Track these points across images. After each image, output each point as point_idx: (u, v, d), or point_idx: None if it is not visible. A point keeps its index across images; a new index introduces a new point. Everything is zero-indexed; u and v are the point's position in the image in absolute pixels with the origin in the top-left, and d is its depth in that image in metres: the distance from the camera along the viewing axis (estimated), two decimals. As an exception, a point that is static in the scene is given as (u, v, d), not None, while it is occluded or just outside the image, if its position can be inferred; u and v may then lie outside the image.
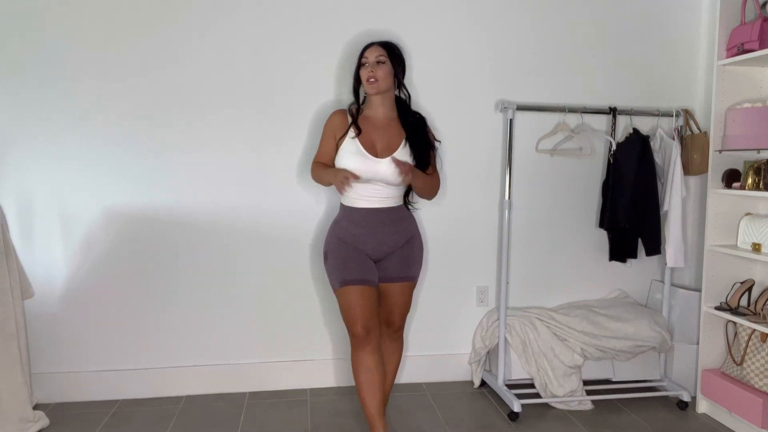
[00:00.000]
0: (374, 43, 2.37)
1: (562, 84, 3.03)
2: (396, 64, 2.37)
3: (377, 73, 2.31)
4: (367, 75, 2.32)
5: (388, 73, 2.33)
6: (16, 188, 2.71)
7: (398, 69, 2.38)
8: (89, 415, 2.68)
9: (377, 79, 2.31)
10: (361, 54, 2.37)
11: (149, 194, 2.79)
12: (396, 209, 2.38)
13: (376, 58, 2.32)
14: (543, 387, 2.84)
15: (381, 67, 2.32)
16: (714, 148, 2.71)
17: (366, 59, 2.34)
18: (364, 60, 2.35)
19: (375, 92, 2.34)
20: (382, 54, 2.33)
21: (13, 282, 2.49)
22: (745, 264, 2.74)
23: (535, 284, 3.12)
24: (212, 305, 2.89)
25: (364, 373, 2.25)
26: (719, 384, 2.64)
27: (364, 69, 2.34)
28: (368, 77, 2.32)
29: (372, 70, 2.32)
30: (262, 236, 2.88)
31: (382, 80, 2.32)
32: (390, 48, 2.37)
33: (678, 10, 3.11)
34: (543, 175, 3.07)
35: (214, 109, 2.80)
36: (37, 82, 2.67)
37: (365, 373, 2.25)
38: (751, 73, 2.69)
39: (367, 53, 2.35)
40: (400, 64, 2.40)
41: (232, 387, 2.94)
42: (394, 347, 2.50)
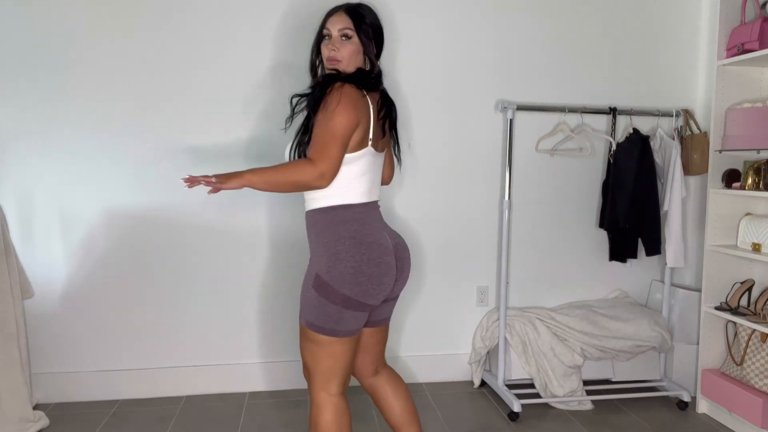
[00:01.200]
0: (339, 9, 1.79)
1: (562, 84, 3.03)
2: (365, 39, 1.77)
3: (341, 52, 1.75)
4: (328, 54, 1.77)
5: (354, 53, 1.76)
6: (16, 188, 2.71)
7: (368, 45, 1.78)
8: (89, 415, 2.68)
9: (339, 60, 1.75)
10: (323, 21, 1.80)
11: (149, 194, 2.79)
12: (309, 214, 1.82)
13: (341, 32, 1.75)
14: (543, 387, 2.84)
15: (345, 44, 1.75)
16: (714, 148, 2.71)
17: (328, 31, 1.78)
18: (325, 31, 1.79)
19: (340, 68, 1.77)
20: (348, 26, 1.75)
21: (13, 282, 2.49)
22: (745, 264, 2.74)
23: (535, 284, 3.12)
24: (212, 305, 2.89)
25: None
26: (719, 384, 2.64)
27: (325, 44, 1.78)
28: (328, 57, 1.76)
29: (334, 47, 1.75)
30: (262, 236, 2.88)
31: (346, 61, 1.75)
32: (358, 17, 1.77)
33: (678, 10, 3.11)
34: (543, 175, 3.07)
35: (215, 108, 2.79)
36: (37, 83, 2.67)
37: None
38: (751, 73, 2.69)
39: (330, 23, 1.77)
40: (372, 38, 1.80)
41: (232, 387, 2.94)
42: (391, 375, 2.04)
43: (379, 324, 1.91)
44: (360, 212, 1.75)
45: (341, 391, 1.78)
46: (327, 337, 1.71)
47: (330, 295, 1.68)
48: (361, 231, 1.72)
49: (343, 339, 1.72)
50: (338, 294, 1.67)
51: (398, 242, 1.82)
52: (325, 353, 1.73)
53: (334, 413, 1.75)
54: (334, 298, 1.67)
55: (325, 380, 1.75)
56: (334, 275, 1.67)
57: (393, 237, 1.82)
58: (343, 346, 1.73)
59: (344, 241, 1.69)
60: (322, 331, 1.70)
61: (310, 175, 1.64)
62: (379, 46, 1.85)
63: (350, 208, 1.75)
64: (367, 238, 1.71)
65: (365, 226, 1.74)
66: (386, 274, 1.72)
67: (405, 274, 1.85)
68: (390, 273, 1.73)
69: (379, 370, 1.97)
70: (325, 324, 1.70)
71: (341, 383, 1.77)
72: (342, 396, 1.78)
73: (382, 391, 1.95)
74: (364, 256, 1.68)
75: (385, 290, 1.73)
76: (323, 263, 1.70)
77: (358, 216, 1.74)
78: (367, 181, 1.78)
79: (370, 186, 1.80)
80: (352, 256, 1.68)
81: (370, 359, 1.95)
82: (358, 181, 1.76)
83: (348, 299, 1.67)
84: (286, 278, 2.91)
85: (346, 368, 1.77)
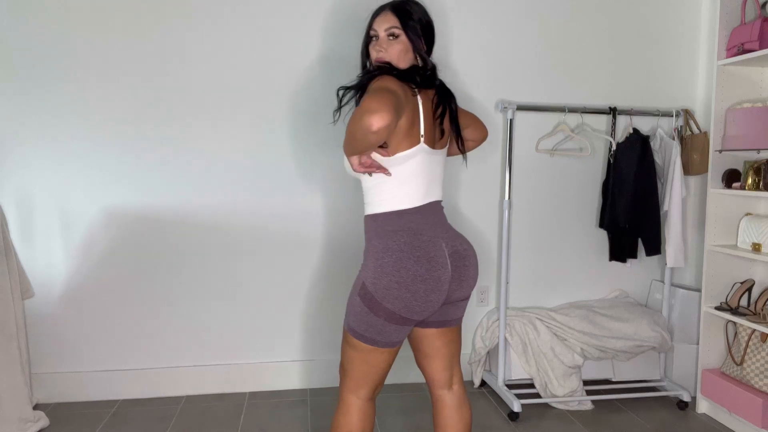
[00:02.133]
0: (385, 8, 1.74)
1: (562, 84, 3.03)
2: (413, 36, 1.71)
3: (389, 52, 1.70)
4: (376, 56, 1.72)
5: (402, 51, 1.70)
6: (16, 188, 2.71)
7: (417, 42, 1.71)
8: (89, 415, 2.68)
9: (388, 61, 1.70)
10: (369, 22, 1.76)
11: (149, 194, 2.79)
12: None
13: (387, 31, 1.70)
14: (543, 387, 2.84)
15: (393, 44, 1.70)
16: (714, 148, 2.71)
17: (374, 32, 1.73)
18: (372, 32, 1.74)
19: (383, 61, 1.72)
20: (394, 25, 1.70)
21: (13, 282, 2.49)
22: (745, 264, 2.74)
23: (535, 284, 3.12)
24: (212, 305, 2.89)
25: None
26: (719, 384, 2.64)
27: (373, 45, 1.74)
28: (377, 59, 1.71)
29: (381, 47, 1.71)
30: (262, 236, 2.88)
31: (395, 62, 1.70)
32: (404, 15, 1.71)
33: (678, 10, 3.12)
34: (543, 175, 3.07)
35: (215, 108, 2.80)
36: (37, 83, 2.67)
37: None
38: (751, 73, 2.69)
39: (376, 24, 1.73)
40: (422, 34, 1.73)
41: (232, 387, 2.94)
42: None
43: (444, 325, 1.78)
44: (413, 219, 1.67)
45: (371, 397, 1.75)
46: (367, 345, 1.67)
47: (373, 306, 1.63)
48: (410, 243, 1.64)
49: (383, 349, 1.68)
50: (381, 307, 1.62)
51: (457, 249, 1.71)
52: (361, 359, 1.70)
53: (359, 417, 1.72)
54: (377, 310, 1.63)
55: (357, 384, 1.72)
56: (379, 288, 1.62)
57: (451, 244, 1.71)
58: (382, 355, 1.69)
59: (392, 253, 1.63)
60: (363, 339, 1.67)
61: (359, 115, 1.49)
62: (430, 42, 1.77)
63: (403, 215, 1.67)
64: (416, 251, 1.63)
65: (417, 237, 1.65)
66: (434, 290, 1.64)
67: (465, 281, 1.73)
68: (439, 289, 1.65)
69: (453, 385, 1.84)
70: (366, 333, 1.66)
71: (372, 389, 1.74)
72: (370, 402, 1.75)
73: (446, 413, 1.83)
74: (410, 272, 1.61)
75: (433, 306, 1.66)
76: (370, 274, 1.65)
77: (410, 225, 1.66)
78: (423, 182, 1.69)
79: (426, 187, 1.70)
80: (397, 271, 1.61)
81: (441, 365, 1.82)
82: (412, 183, 1.67)
83: (391, 313, 1.62)
84: (286, 278, 2.91)
85: (381, 376, 1.74)
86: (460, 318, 1.82)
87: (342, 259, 2.91)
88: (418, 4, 1.76)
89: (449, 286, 1.68)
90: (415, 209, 1.68)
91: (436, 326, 1.77)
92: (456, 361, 1.85)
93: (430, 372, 1.83)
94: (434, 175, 1.74)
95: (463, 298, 1.77)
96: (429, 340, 1.79)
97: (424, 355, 1.82)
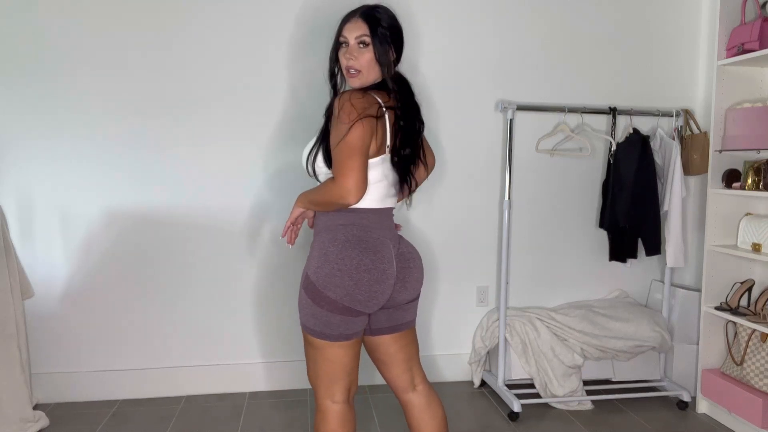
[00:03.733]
0: (355, 14, 1.71)
1: (562, 84, 3.03)
2: (381, 46, 1.67)
3: (360, 61, 1.67)
4: (346, 64, 1.69)
5: (372, 60, 1.68)
6: (16, 188, 2.71)
7: (383, 51, 1.68)
8: (89, 415, 2.68)
9: (359, 70, 1.68)
10: (339, 28, 1.73)
11: (149, 194, 2.79)
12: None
13: (357, 39, 1.67)
14: (543, 387, 2.84)
15: (363, 52, 1.67)
16: (714, 148, 2.71)
17: (344, 39, 1.70)
18: (342, 39, 1.71)
19: (359, 86, 1.70)
20: (364, 33, 1.67)
21: (13, 282, 2.49)
22: (745, 264, 2.74)
23: (535, 284, 3.12)
24: (212, 305, 2.89)
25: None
26: (719, 384, 2.64)
27: (343, 53, 1.71)
28: (347, 67, 1.69)
29: (352, 56, 1.68)
30: (262, 236, 2.88)
31: (365, 71, 1.68)
32: (374, 22, 1.68)
33: (678, 10, 3.11)
34: (543, 175, 3.07)
35: (215, 108, 2.80)
36: (38, 83, 2.67)
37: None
38: (751, 73, 2.69)
39: (346, 31, 1.70)
40: (390, 41, 1.70)
41: (232, 387, 2.94)
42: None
43: (395, 331, 1.78)
44: (366, 218, 1.69)
45: (346, 399, 1.71)
46: (320, 340, 1.66)
47: (316, 296, 1.63)
48: (358, 236, 1.65)
49: (337, 343, 1.66)
50: (323, 296, 1.62)
51: (402, 251, 1.74)
52: (321, 357, 1.68)
53: (337, 421, 1.69)
54: (319, 300, 1.62)
55: (327, 386, 1.70)
56: (321, 276, 1.62)
57: (398, 246, 1.74)
58: (339, 350, 1.67)
59: (338, 243, 1.64)
60: (314, 333, 1.66)
61: (336, 194, 1.59)
62: (399, 49, 1.75)
63: (357, 212, 1.68)
64: (363, 243, 1.64)
65: (367, 232, 1.67)
66: (379, 281, 1.64)
67: (410, 283, 1.75)
68: (384, 282, 1.65)
69: (416, 386, 1.82)
70: (315, 326, 1.65)
71: (344, 389, 1.71)
72: (346, 404, 1.72)
73: (416, 415, 1.82)
74: (354, 260, 1.62)
75: (378, 298, 1.65)
76: (313, 263, 1.65)
77: (362, 221, 1.68)
78: (384, 187, 1.71)
79: (386, 192, 1.72)
80: (341, 259, 1.62)
81: (399, 370, 1.81)
82: (374, 187, 1.68)
83: (333, 302, 1.61)
84: (286, 279, 2.91)
85: (347, 374, 1.70)
86: (412, 321, 1.83)
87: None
88: (387, 10, 1.73)
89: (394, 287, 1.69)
90: (369, 210, 1.70)
91: (388, 332, 1.78)
92: (414, 362, 1.84)
93: (391, 378, 1.83)
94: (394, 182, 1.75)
95: (410, 300, 1.78)
96: (384, 348, 1.80)
97: (382, 363, 1.83)
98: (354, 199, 1.58)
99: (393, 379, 1.83)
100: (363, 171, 1.59)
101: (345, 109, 1.59)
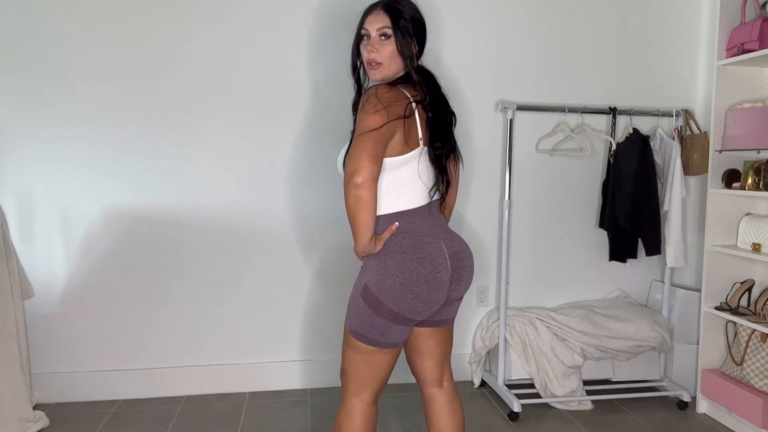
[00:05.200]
0: (377, 6, 1.69)
1: (562, 84, 3.03)
2: (404, 39, 1.66)
3: (381, 53, 1.66)
4: (367, 57, 1.69)
5: (395, 52, 1.66)
6: (16, 188, 2.71)
7: (406, 46, 1.66)
8: (89, 415, 2.68)
9: (380, 62, 1.67)
10: (360, 21, 1.72)
11: (149, 194, 2.79)
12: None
13: (379, 31, 1.66)
14: (543, 387, 2.84)
15: (385, 45, 1.66)
16: (714, 148, 2.71)
17: (366, 31, 1.69)
18: (363, 32, 1.70)
19: (380, 78, 1.70)
20: (386, 25, 1.65)
21: (13, 282, 2.49)
22: (745, 264, 2.74)
23: (535, 284, 3.12)
24: (212, 305, 2.89)
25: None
26: (719, 384, 2.64)
27: (364, 45, 1.70)
28: (368, 60, 1.68)
29: (373, 48, 1.67)
30: (262, 236, 2.88)
31: (387, 63, 1.67)
32: (397, 14, 1.66)
33: (678, 10, 3.12)
34: (543, 175, 3.07)
35: (214, 109, 2.80)
36: (38, 83, 2.67)
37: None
38: (751, 73, 2.69)
39: (367, 23, 1.69)
40: (413, 34, 1.69)
41: (232, 387, 2.94)
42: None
43: (438, 324, 1.78)
44: (413, 221, 1.66)
45: (373, 400, 1.72)
46: (369, 346, 1.66)
47: (377, 307, 1.62)
48: (412, 245, 1.63)
49: (385, 350, 1.67)
50: (385, 308, 1.61)
51: (456, 250, 1.70)
52: (364, 361, 1.69)
53: (362, 421, 1.70)
54: (380, 311, 1.62)
55: (359, 387, 1.70)
56: (383, 289, 1.61)
57: (451, 245, 1.70)
58: (384, 356, 1.68)
59: (395, 255, 1.62)
60: (365, 340, 1.66)
61: (346, 178, 1.53)
62: (422, 40, 1.74)
63: (402, 216, 1.66)
64: (418, 253, 1.63)
65: (418, 239, 1.64)
66: (436, 291, 1.64)
67: (464, 281, 1.74)
68: (440, 290, 1.65)
69: (444, 383, 1.85)
70: (368, 334, 1.65)
71: (375, 392, 1.72)
72: (373, 405, 1.73)
73: (438, 410, 1.84)
74: (414, 273, 1.61)
75: (435, 306, 1.66)
76: (373, 275, 1.64)
77: (410, 226, 1.66)
78: (422, 184, 1.69)
79: (426, 189, 1.70)
80: (401, 272, 1.61)
81: (433, 364, 1.82)
82: (412, 185, 1.66)
83: (395, 314, 1.62)
84: (286, 279, 2.91)
85: (383, 378, 1.72)
86: (454, 317, 1.83)
87: (342, 259, 2.91)
88: (410, 2, 1.72)
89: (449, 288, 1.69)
90: (414, 210, 1.68)
91: (431, 325, 1.77)
92: (447, 359, 1.85)
93: (421, 370, 1.83)
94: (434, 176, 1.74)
95: (459, 297, 1.78)
96: (423, 339, 1.79)
97: (418, 353, 1.82)
98: (363, 180, 1.50)
99: (424, 370, 1.83)
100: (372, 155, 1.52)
101: (371, 102, 1.57)
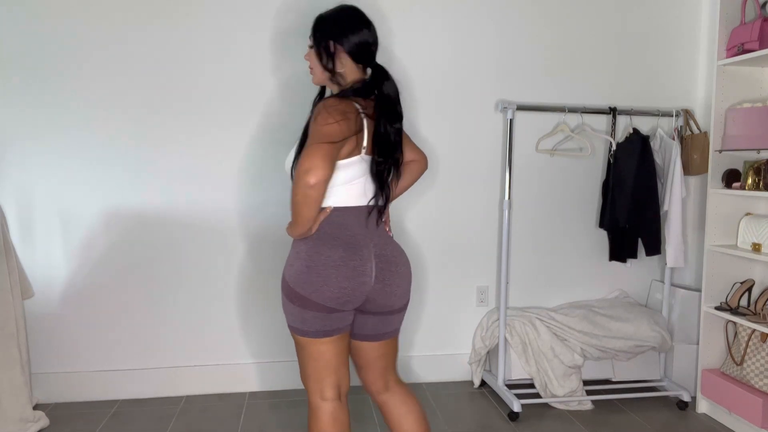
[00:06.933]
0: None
1: (562, 84, 3.03)
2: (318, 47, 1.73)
3: (310, 61, 1.77)
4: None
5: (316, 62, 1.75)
6: (16, 188, 2.71)
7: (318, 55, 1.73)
8: (89, 415, 2.68)
9: (312, 67, 1.77)
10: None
11: (149, 194, 2.79)
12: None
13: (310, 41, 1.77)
14: (543, 387, 2.84)
15: (311, 53, 1.76)
16: (714, 148, 2.71)
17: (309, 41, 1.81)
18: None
19: (317, 83, 1.81)
20: (310, 35, 1.76)
21: (13, 282, 2.49)
22: (745, 264, 2.74)
23: (535, 284, 3.12)
24: (212, 305, 2.89)
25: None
26: (719, 384, 2.64)
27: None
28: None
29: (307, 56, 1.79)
30: (262, 236, 2.88)
31: (315, 69, 1.76)
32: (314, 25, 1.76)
33: (678, 10, 3.12)
34: (543, 175, 3.07)
35: (216, 109, 2.80)
36: (38, 83, 2.67)
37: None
38: (751, 73, 2.69)
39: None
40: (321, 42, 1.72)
41: (232, 387, 2.94)
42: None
43: (378, 339, 1.78)
44: (342, 216, 1.66)
45: (336, 396, 1.70)
46: (301, 337, 1.67)
47: (289, 293, 1.64)
48: (330, 233, 1.63)
49: (317, 340, 1.65)
50: (295, 293, 1.62)
51: (386, 253, 1.70)
52: (306, 354, 1.69)
53: (326, 419, 1.69)
54: (292, 297, 1.63)
55: (316, 384, 1.70)
56: (291, 273, 1.63)
57: (382, 247, 1.70)
58: (321, 346, 1.66)
59: (309, 241, 1.63)
60: (294, 330, 1.68)
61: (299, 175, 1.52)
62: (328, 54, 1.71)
63: (337, 210, 1.66)
64: (333, 240, 1.62)
65: (340, 229, 1.64)
66: (349, 278, 1.61)
67: (395, 287, 1.71)
68: (354, 279, 1.62)
69: (390, 386, 1.84)
70: (293, 323, 1.66)
71: (333, 386, 1.70)
72: (337, 401, 1.71)
73: (393, 411, 1.83)
74: (322, 256, 1.60)
75: (349, 296, 1.62)
76: (288, 263, 1.67)
77: (337, 219, 1.65)
78: (359, 185, 1.68)
79: (362, 191, 1.69)
80: (309, 256, 1.61)
81: (376, 375, 1.83)
82: (348, 186, 1.66)
83: (302, 298, 1.60)
84: (286, 278, 2.92)
85: (333, 370, 1.69)
86: (397, 330, 1.82)
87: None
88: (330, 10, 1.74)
89: (373, 288, 1.66)
90: (345, 208, 1.67)
91: (371, 339, 1.78)
92: (390, 368, 1.85)
93: (366, 381, 1.85)
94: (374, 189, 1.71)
95: (396, 309, 1.76)
96: (364, 352, 1.80)
97: (360, 367, 1.84)
98: (315, 179, 1.50)
99: (368, 382, 1.85)
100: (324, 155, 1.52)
101: (321, 115, 1.58)
